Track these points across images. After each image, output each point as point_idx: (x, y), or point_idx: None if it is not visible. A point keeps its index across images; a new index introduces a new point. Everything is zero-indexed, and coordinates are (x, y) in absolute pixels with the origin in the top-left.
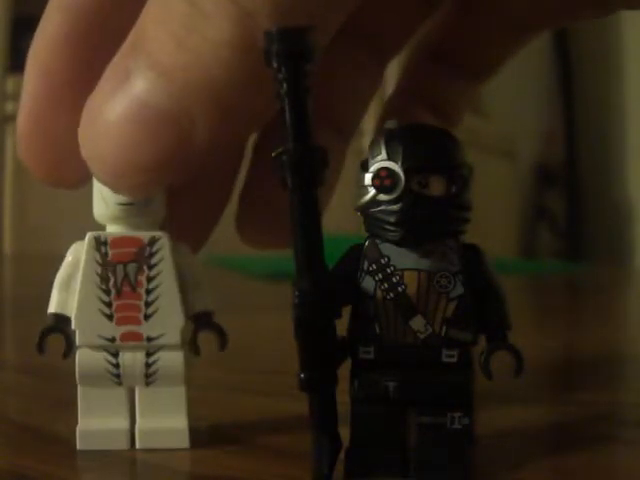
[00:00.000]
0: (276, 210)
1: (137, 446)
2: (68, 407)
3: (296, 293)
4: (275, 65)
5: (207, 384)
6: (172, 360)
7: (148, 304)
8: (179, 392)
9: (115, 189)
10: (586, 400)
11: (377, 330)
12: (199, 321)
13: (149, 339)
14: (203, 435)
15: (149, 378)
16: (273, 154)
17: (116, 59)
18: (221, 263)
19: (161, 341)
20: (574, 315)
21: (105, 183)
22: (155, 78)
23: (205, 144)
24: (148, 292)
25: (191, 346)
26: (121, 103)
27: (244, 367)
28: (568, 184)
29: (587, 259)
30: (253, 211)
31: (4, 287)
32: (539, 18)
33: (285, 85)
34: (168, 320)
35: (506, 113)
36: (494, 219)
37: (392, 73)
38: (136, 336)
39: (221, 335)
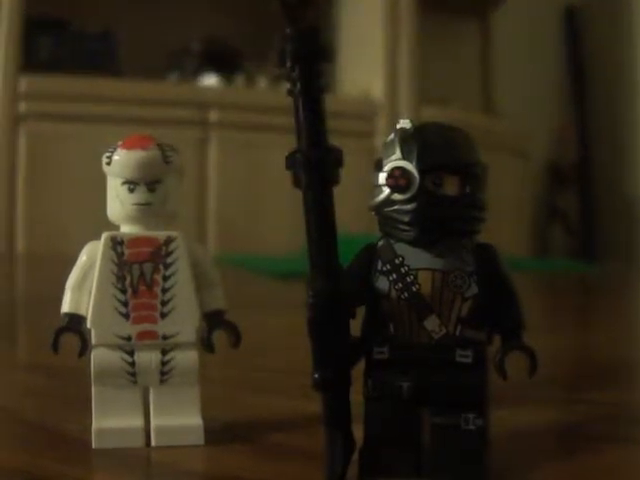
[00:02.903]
0: None
1: (152, 443)
2: (82, 406)
3: (310, 293)
4: (289, 65)
5: (220, 383)
6: (187, 359)
7: (164, 303)
8: (193, 390)
9: None
10: (600, 400)
11: (391, 330)
12: (213, 319)
13: (165, 337)
14: (217, 434)
15: (164, 376)
16: (287, 153)
17: None
18: (234, 262)
19: (177, 339)
20: (586, 314)
21: None
22: None
23: None
24: (164, 291)
25: (205, 344)
26: None
27: (257, 366)
28: (581, 183)
29: (600, 258)
30: None
31: (17, 287)
32: None
33: (298, 84)
34: (184, 318)
35: (519, 112)
36: (507, 218)
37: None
38: (152, 334)
39: (235, 333)
